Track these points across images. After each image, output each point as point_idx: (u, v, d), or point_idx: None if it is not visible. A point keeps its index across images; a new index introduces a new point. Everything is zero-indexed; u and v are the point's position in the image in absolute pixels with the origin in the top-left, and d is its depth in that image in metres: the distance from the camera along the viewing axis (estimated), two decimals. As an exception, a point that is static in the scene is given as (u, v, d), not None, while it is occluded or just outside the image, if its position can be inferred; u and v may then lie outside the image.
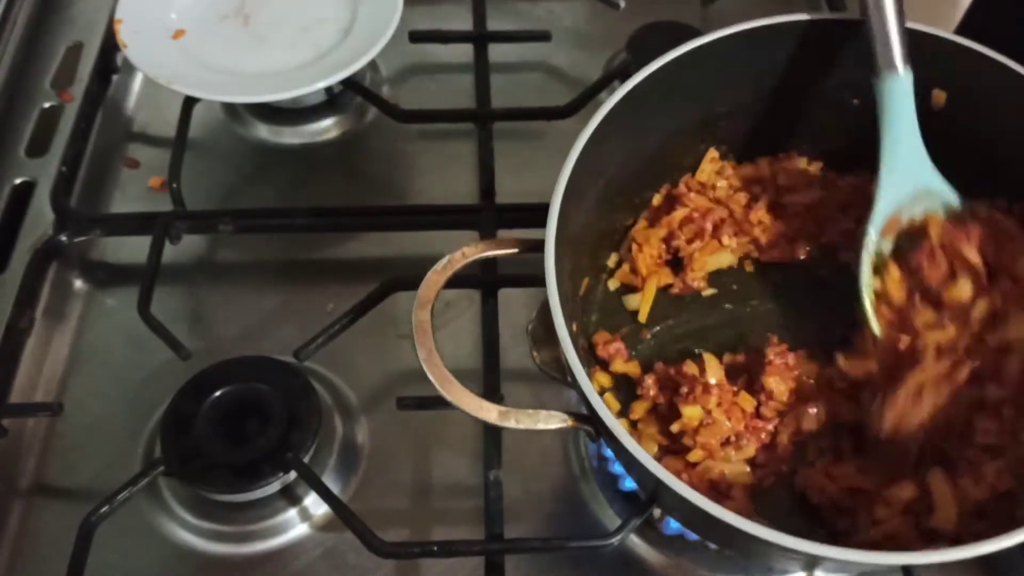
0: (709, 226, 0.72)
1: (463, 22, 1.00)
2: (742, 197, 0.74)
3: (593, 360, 0.69)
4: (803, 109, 0.73)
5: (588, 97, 0.89)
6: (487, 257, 0.63)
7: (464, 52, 0.97)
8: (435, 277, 0.60)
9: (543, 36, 0.97)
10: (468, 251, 0.62)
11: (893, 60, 0.63)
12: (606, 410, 0.53)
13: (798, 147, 0.76)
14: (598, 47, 1.00)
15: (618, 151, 0.67)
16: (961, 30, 1.08)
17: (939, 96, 0.69)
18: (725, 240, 0.73)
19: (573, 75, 0.98)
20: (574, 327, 0.65)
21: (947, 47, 0.67)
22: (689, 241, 0.72)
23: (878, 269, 0.66)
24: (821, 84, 0.71)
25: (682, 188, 0.74)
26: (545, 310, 0.57)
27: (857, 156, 0.71)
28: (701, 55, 0.66)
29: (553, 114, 0.89)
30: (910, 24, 0.65)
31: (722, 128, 0.74)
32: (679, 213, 0.72)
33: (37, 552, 0.68)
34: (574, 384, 0.55)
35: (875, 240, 0.66)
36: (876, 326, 0.65)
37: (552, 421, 0.57)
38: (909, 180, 0.66)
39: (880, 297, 0.66)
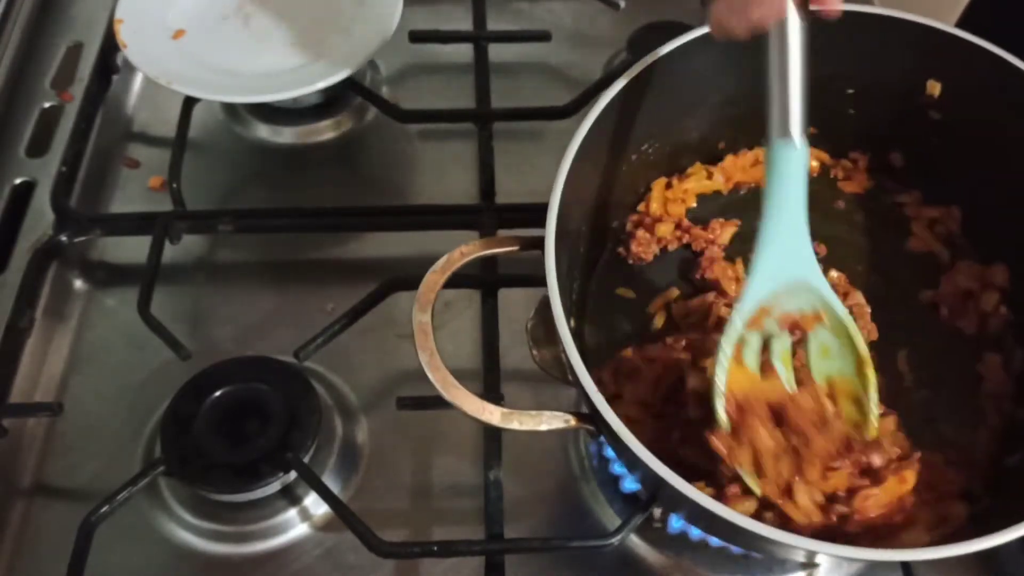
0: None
1: (463, 22, 1.00)
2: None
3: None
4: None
5: (588, 97, 0.89)
6: (486, 256, 0.63)
7: (464, 52, 0.97)
8: (434, 277, 0.60)
9: (543, 36, 0.96)
10: (466, 250, 0.62)
11: (790, 129, 0.58)
12: (607, 407, 0.53)
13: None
14: (598, 47, 1.00)
15: (612, 150, 0.68)
16: (961, 25, 1.08)
17: (933, 86, 0.70)
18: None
19: (573, 75, 0.98)
20: (571, 323, 0.65)
21: (941, 38, 0.67)
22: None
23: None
24: (821, 74, 0.71)
25: (629, 226, 0.76)
26: (544, 308, 0.57)
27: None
28: (693, 48, 0.68)
29: (553, 114, 0.89)
30: (907, 15, 0.65)
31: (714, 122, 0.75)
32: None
33: (37, 552, 0.68)
34: (575, 382, 0.56)
35: (739, 329, 0.59)
36: (722, 419, 0.58)
37: (555, 422, 0.57)
38: (787, 268, 0.60)
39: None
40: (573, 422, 0.57)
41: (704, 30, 0.66)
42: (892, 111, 0.74)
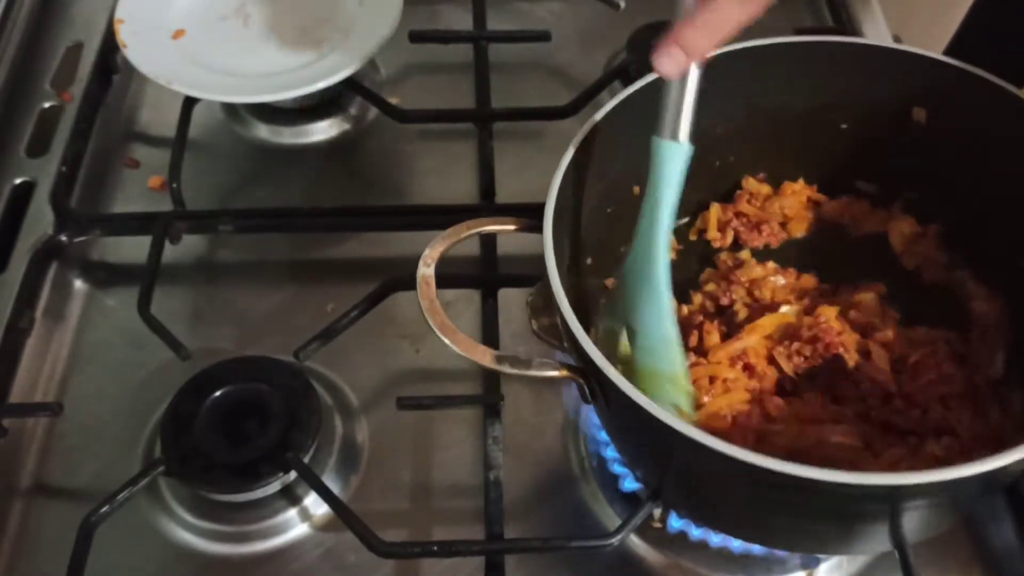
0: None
1: (463, 22, 1.00)
2: None
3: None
4: (795, 134, 0.74)
5: (588, 97, 0.89)
6: (488, 232, 0.65)
7: (464, 52, 0.97)
8: (440, 242, 0.63)
9: (543, 36, 0.96)
10: (471, 224, 0.64)
11: (678, 133, 0.59)
12: (601, 356, 0.54)
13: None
14: (598, 47, 1.00)
15: (615, 157, 0.68)
16: (952, 49, 1.09)
17: (919, 113, 0.70)
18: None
19: (573, 75, 0.98)
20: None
21: (924, 64, 0.67)
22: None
23: None
24: (811, 107, 0.72)
25: None
26: (545, 284, 0.58)
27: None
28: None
29: (553, 114, 0.89)
30: (884, 43, 0.65)
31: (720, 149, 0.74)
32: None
33: (37, 552, 0.68)
34: (569, 341, 0.56)
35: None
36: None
37: (545, 369, 0.58)
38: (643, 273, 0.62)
39: None
40: (564, 372, 0.58)
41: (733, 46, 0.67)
42: (880, 142, 0.73)
